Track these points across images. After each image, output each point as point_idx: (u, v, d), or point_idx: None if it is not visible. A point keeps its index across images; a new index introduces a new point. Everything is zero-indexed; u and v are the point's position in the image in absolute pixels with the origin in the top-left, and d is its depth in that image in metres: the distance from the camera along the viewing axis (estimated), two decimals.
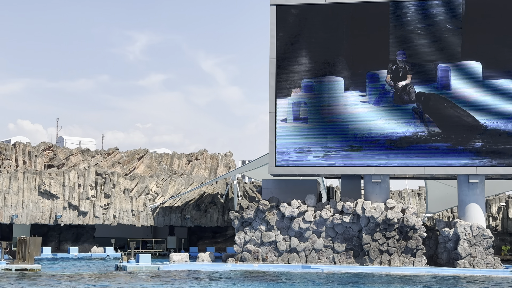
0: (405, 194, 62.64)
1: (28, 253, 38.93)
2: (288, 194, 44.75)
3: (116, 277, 35.25)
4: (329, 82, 44.23)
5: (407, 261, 42.03)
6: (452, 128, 42.93)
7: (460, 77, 43.02)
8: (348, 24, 44.48)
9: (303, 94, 44.50)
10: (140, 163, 61.95)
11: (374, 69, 43.93)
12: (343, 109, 43.94)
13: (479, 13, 43.30)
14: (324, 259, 43.26)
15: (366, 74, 43.98)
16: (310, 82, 44.48)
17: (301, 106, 44.43)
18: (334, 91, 44.16)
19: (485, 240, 42.12)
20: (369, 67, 43.99)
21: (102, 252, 55.97)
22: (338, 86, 44.15)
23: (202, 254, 45.59)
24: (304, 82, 44.57)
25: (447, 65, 43.24)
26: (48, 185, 53.69)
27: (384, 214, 42.51)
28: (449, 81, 43.20)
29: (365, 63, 44.07)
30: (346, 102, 43.97)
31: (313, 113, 44.25)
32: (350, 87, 44.04)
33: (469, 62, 43.05)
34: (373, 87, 43.87)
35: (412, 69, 43.53)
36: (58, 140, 72.14)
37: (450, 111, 43.02)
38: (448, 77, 43.19)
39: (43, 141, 60.12)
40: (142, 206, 57.34)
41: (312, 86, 44.46)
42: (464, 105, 42.81)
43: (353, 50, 44.32)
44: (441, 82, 43.29)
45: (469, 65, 43.01)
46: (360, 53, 44.22)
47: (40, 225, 55.38)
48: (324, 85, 44.29)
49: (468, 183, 43.37)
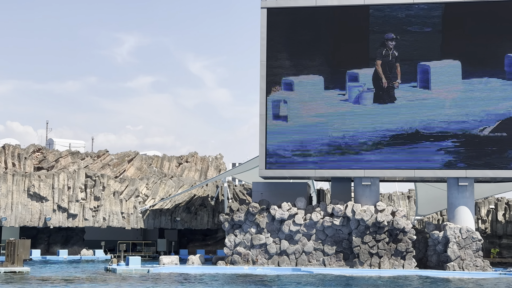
0: (395, 197, 62.79)
1: (17, 255, 38.71)
2: (278, 197, 44.79)
3: (105, 280, 35.11)
4: (309, 81, 44.50)
5: (397, 263, 42.13)
6: (429, 128, 43.32)
7: (440, 76, 43.48)
8: (329, 24, 44.86)
9: (283, 93, 44.75)
10: (130, 166, 61.81)
11: (354, 67, 44.19)
12: (322, 108, 44.28)
13: (458, 15, 43.81)
14: (314, 262, 43.28)
15: (346, 73, 44.26)
16: (290, 80, 44.72)
17: (281, 104, 44.61)
18: (314, 89, 44.41)
19: (474, 243, 42.28)
20: (350, 66, 44.23)
21: (92, 255, 55.73)
22: (318, 84, 44.44)
23: (192, 257, 45.53)
24: (284, 80, 44.77)
25: (427, 64, 43.62)
26: (37, 188, 53.44)
27: (374, 217, 42.59)
28: (429, 79, 43.57)
29: (346, 62, 44.35)
30: (326, 101, 44.27)
31: (293, 112, 44.53)
32: (330, 86, 44.32)
33: (449, 61, 43.56)
34: (352, 86, 44.16)
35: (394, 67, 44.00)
36: (48, 142, 71.82)
37: (432, 111, 43.37)
38: (428, 75, 43.60)
39: (32, 143, 59.89)
40: (132, 209, 57.18)
41: (291, 84, 44.73)
42: (443, 104, 43.19)
43: (334, 50, 44.61)
44: (421, 81, 43.67)
45: (448, 64, 43.52)
46: (341, 53, 44.50)
47: (29, 228, 55.12)
48: (304, 84, 44.52)
49: (457, 186, 43.54)
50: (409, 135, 43.38)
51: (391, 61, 44.01)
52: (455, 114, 43.08)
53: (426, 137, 43.23)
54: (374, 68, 44.13)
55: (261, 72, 44.97)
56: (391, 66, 44.02)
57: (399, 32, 44.03)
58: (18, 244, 38.86)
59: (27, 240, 40.78)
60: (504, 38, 43.20)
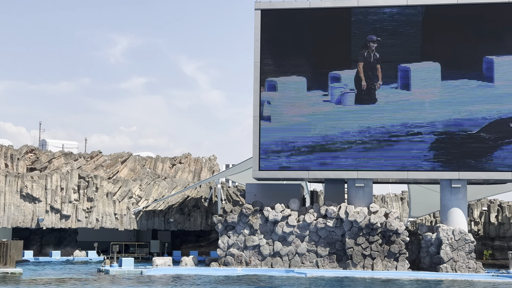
0: (388, 199, 62.89)
1: (9, 256, 38.59)
2: (272, 198, 44.80)
3: (98, 281, 35.04)
4: (293, 82, 44.75)
5: (390, 265, 42.19)
6: (415, 128, 43.60)
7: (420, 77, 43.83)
8: (311, 26, 45.18)
9: (267, 93, 44.97)
10: (124, 167, 61.69)
11: (336, 69, 44.36)
12: (306, 108, 44.50)
13: (437, 17, 44.17)
14: (308, 263, 43.30)
15: (328, 74, 44.43)
16: (273, 81, 44.85)
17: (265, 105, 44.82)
18: (298, 90, 44.65)
19: (467, 245, 42.39)
20: (332, 67, 44.47)
21: (85, 256, 55.59)
22: (301, 85, 44.71)
23: (185, 258, 45.48)
24: (267, 82, 44.93)
25: (407, 65, 43.92)
26: (30, 188, 53.27)
27: (367, 219, 42.65)
28: (409, 81, 43.79)
29: (328, 63, 44.60)
30: (309, 101, 44.49)
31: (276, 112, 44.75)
32: (313, 87, 44.47)
33: (429, 63, 43.89)
34: (335, 86, 44.32)
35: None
36: (41, 143, 71.61)
37: (413, 112, 43.67)
38: (408, 77, 43.82)
39: (25, 144, 59.70)
40: (125, 210, 57.07)
41: (275, 86, 44.86)
42: (423, 105, 43.47)
43: (316, 51, 44.86)
44: (401, 82, 43.90)
45: (428, 66, 43.86)
46: (323, 54, 44.76)
47: (22, 229, 54.91)
48: (288, 84, 44.77)
49: (450, 188, 43.66)
50: (395, 135, 43.63)
51: (373, 62, 44.25)
52: (436, 115, 43.37)
53: (412, 138, 43.55)
54: (356, 69, 44.38)
55: (254, 73, 45.01)
56: (373, 67, 44.27)
57: (380, 34, 44.34)
58: (10, 245, 38.73)
59: (20, 241, 40.70)
60: (482, 41, 43.62)
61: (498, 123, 43.05)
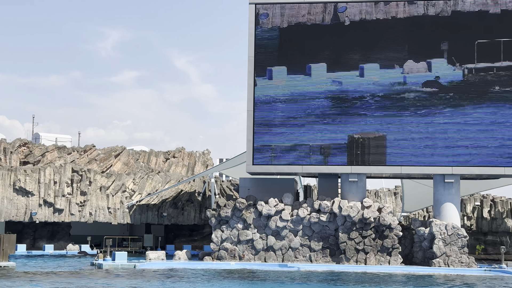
0: (381, 193, 63.03)
1: (2, 250, 38.48)
2: (266, 193, 44.81)
3: (91, 275, 35.02)
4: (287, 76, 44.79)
5: (383, 259, 42.31)
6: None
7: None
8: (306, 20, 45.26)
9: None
10: (117, 161, 61.61)
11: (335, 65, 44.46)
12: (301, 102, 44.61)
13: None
14: (301, 258, 43.38)
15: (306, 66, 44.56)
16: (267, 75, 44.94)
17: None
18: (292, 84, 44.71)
19: (459, 240, 42.53)
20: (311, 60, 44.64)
21: (78, 250, 55.56)
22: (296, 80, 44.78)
23: (179, 252, 45.49)
24: (261, 76, 44.97)
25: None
26: (23, 182, 53.16)
27: (360, 213, 42.73)
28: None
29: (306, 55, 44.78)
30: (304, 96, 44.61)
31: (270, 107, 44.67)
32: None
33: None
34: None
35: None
36: (34, 137, 71.45)
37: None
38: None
39: (18, 138, 59.55)
40: (119, 204, 57.03)
41: (269, 80, 45.00)
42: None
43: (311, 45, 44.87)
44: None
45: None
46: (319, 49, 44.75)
47: (15, 222, 54.83)
48: (282, 79, 44.83)
49: (443, 183, 43.77)
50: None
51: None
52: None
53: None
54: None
55: (248, 68, 44.95)
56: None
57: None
58: (3, 239, 38.63)
59: (13, 235, 40.54)
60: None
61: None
